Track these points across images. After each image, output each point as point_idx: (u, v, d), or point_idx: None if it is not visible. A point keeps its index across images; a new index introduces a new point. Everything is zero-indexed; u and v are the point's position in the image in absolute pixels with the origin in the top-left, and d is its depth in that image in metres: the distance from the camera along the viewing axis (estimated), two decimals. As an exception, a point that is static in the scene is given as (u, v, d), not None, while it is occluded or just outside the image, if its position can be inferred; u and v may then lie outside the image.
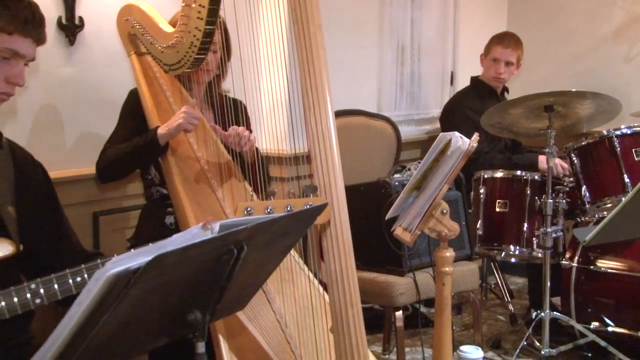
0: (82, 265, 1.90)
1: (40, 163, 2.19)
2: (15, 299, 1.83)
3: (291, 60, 2.31)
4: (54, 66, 3.22)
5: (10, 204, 2.01)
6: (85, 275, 1.88)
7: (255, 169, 2.73)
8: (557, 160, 3.65)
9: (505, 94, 4.61)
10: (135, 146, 2.70)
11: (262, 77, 3.17)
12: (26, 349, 1.96)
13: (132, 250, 1.47)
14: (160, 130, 2.61)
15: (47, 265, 1.97)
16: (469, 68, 5.15)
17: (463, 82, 5.13)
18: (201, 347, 1.54)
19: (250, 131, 2.90)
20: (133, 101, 2.85)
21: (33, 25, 1.90)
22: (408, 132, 4.83)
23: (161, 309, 1.49)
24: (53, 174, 2.26)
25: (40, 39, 1.95)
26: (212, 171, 2.74)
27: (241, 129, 2.71)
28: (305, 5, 2.16)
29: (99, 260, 1.93)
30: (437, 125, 4.83)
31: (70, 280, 1.88)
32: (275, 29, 2.69)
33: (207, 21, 2.38)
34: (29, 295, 1.85)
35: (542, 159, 4.21)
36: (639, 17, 4.93)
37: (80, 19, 3.26)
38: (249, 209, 2.05)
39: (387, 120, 4.26)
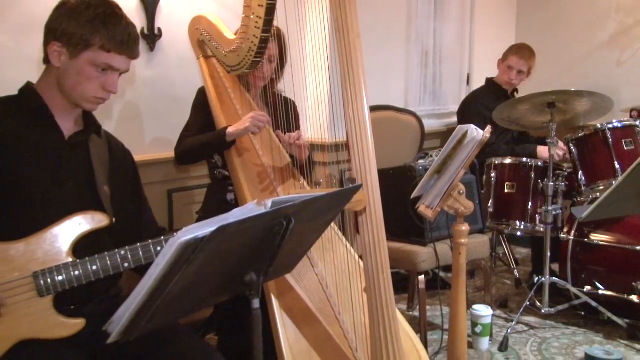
0: (162, 237, 1.93)
1: (129, 150, 2.21)
2: (109, 263, 1.88)
3: (332, 63, 2.31)
4: (138, 69, 3.25)
5: (106, 184, 2.03)
6: (164, 245, 1.90)
7: (303, 160, 2.74)
8: (553, 151, 3.59)
9: (515, 93, 4.54)
10: (207, 140, 2.71)
11: (308, 78, 3.17)
12: (116, 301, 1.97)
13: (199, 222, 1.48)
14: (230, 130, 2.61)
15: (129, 237, 1.99)
16: (482, 70, 5.11)
17: (477, 82, 5.10)
18: (256, 303, 1.54)
19: (299, 127, 2.90)
20: (202, 97, 2.86)
21: (128, 45, 1.91)
22: (430, 124, 4.78)
23: (223, 271, 1.50)
24: (135, 157, 2.28)
25: (133, 56, 1.96)
26: (266, 157, 2.74)
27: (297, 136, 2.70)
28: (346, 17, 2.16)
29: (174, 235, 1.94)
30: (455, 118, 4.78)
31: (152, 249, 1.91)
32: (319, 37, 2.68)
33: (263, 30, 2.38)
34: (119, 260, 1.89)
35: (540, 149, 4.18)
36: (629, 28, 4.88)
37: (159, 29, 3.28)
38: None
39: (412, 114, 4.23)
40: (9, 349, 1.78)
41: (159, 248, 1.90)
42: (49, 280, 1.83)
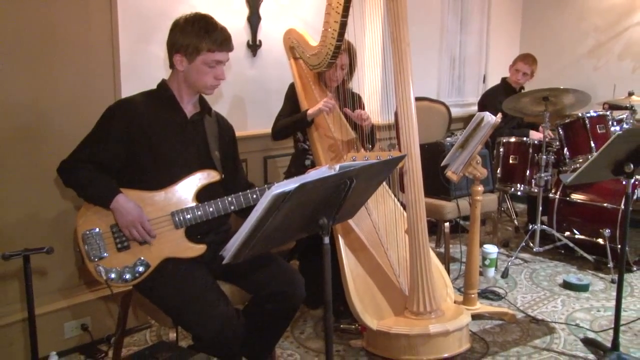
0: (256, 188, 1.94)
1: (231, 125, 2.19)
2: (220, 206, 1.90)
3: (384, 64, 2.26)
4: (244, 69, 3.23)
5: (217, 149, 2.03)
6: (258, 194, 1.91)
7: (365, 136, 2.66)
8: (545, 133, 3.56)
9: (522, 90, 4.35)
10: (293, 120, 2.67)
11: (366, 75, 3.10)
12: (226, 235, 1.99)
13: (286, 180, 1.45)
14: (309, 111, 2.57)
15: (228, 188, 1.99)
16: (495, 72, 5.01)
17: (491, 81, 5.03)
18: (326, 240, 1.53)
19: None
20: (292, 90, 2.80)
21: (224, 43, 1.89)
22: (456, 111, 4.59)
23: (303, 216, 1.47)
24: (241, 133, 2.25)
25: (229, 49, 1.92)
26: (336, 133, 2.68)
27: (364, 112, 2.63)
28: (400, 31, 2.15)
29: (265, 186, 1.95)
30: (475, 107, 4.63)
31: (250, 196, 1.91)
32: (375, 45, 2.61)
33: (337, 39, 2.31)
34: (227, 204, 1.90)
35: (532, 133, 4.07)
36: (603, 43, 4.81)
37: (260, 41, 3.26)
38: (353, 157, 1.99)
39: (442, 104, 4.08)
40: (159, 263, 1.85)
41: (254, 196, 1.90)
42: (181, 217, 1.87)
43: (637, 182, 3.41)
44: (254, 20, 3.20)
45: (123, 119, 1.85)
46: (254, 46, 3.23)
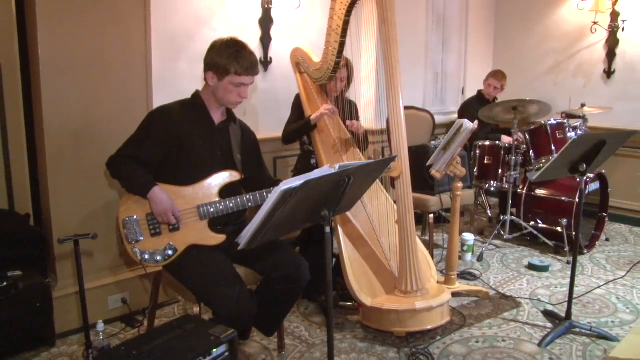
0: (271, 188, 1.91)
1: (254, 132, 2.17)
2: (239, 202, 1.89)
3: (378, 78, 2.24)
4: (257, 82, 3.21)
5: (239, 152, 2.02)
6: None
7: (360, 140, 2.65)
8: (514, 137, 3.56)
9: (495, 100, 4.31)
10: (299, 126, 2.64)
11: (362, 87, 3.07)
12: (242, 225, 1.98)
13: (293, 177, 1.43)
14: (312, 117, 2.55)
15: (254, 186, 1.98)
16: (471, 85, 4.95)
17: (469, 93, 4.97)
18: (327, 230, 1.51)
19: (358, 118, 2.80)
20: (297, 100, 2.78)
21: (251, 68, 1.87)
22: (439, 118, 4.52)
23: (307, 208, 1.46)
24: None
25: (255, 74, 1.91)
26: (336, 138, 2.66)
27: (355, 123, 2.63)
28: (391, 50, 2.12)
29: (278, 185, 1.92)
30: (455, 115, 4.60)
31: (265, 195, 1.90)
32: (370, 61, 2.57)
33: (337, 56, 2.30)
34: (245, 200, 1.89)
35: (503, 137, 4.04)
36: (560, 63, 4.76)
37: (270, 58, 3.23)
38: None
39: (427, 112, 4.05)
40: (185, 248, 1.85)
41: (269, 194, 1.86)
42: (205, 210, 1.87)
43: (588, 180, 3.43)
44: (265, 40, 3.18)
45: (161, 123, 1.86)
46: (265, 62, 3.22)
